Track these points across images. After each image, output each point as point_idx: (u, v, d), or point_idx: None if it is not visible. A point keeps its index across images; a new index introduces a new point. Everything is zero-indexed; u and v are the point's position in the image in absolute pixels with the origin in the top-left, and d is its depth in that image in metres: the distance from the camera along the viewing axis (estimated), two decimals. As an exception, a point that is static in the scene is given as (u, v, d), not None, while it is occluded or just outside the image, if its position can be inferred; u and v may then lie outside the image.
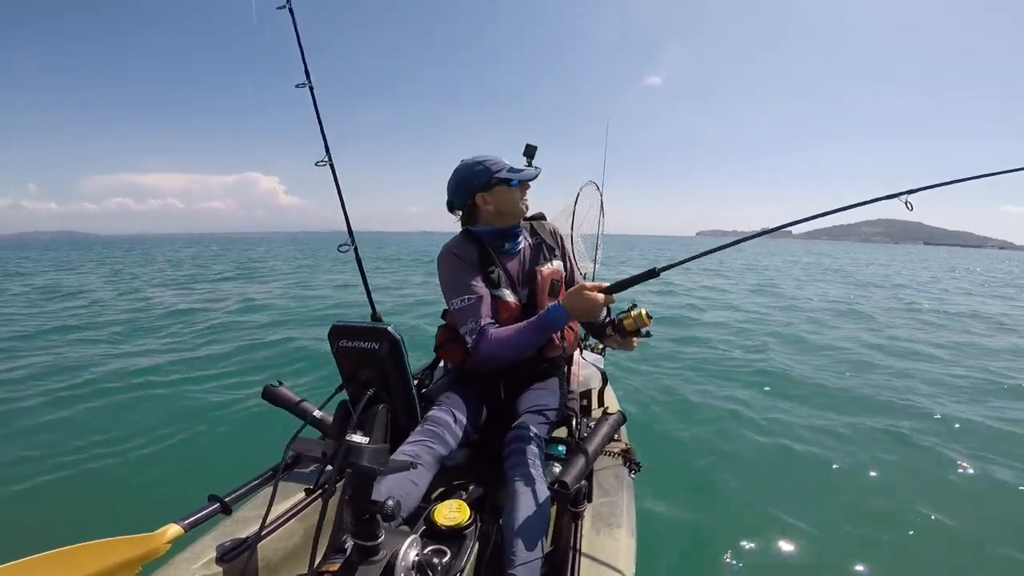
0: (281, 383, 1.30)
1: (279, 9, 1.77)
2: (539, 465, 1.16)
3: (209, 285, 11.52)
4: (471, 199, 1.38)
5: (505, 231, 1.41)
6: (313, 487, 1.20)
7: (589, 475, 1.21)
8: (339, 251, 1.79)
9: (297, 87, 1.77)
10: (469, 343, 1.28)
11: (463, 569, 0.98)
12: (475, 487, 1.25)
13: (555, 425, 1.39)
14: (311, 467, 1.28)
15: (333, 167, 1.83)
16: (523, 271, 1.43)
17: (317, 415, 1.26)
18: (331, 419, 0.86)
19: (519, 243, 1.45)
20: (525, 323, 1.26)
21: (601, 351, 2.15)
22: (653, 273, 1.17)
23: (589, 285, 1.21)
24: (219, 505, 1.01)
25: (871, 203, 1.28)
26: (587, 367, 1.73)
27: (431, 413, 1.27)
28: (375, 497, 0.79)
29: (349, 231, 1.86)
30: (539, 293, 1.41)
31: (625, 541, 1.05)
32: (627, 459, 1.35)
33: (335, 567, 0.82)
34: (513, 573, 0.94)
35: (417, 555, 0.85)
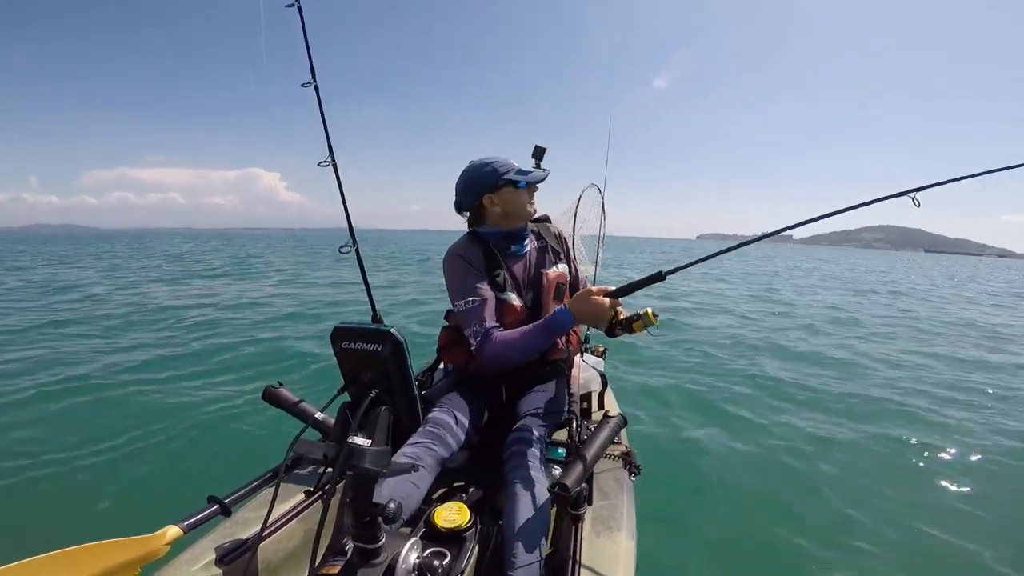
0: (282, 384, 1.29)
1: (288, 7, 1.74)
2: (539, 468, 1.16)
3: (205, 281, 11.49)
4: (479, 200, 1.37)
5: (511, 233, 1.40)
6: (314, 489, 1.20)
7: (589, 478, 1.20)
8: (340, 252, 1.77)
9: (303, 86, 1.74)
10: (473, 345, 1.28)
11: (463, 571, 0.98)
12: (475, 489, 1.24)
13: (556, 428, 1.39)
14: (311, 469, 1.28)
15: (336, 168, 1.81)
16: (529, 274, 1.43)
17: (318, 417, 1.25)
18: (332, 421, 0.86)
19: (525, 246, 1.44)
20: (530, 326, 1.26)
21: (602, 354, 2.15)
22: (659, 277, 1.17)
23: (595, 289, 1.21)
24: (219, 507, 1.01)
25: (879, 202, 1.24)
26: (587, 370, 1.73)
27: (432, 415, 1.27)
28: (376, 499, 0.78)
29: (351, 233, 1.82)
30: (544, 296, 1.41)
31: (625, 544, 1.05)
32: (627, 462, 1.35)
33: (335, 569, 0.82)
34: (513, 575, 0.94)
35: (417, 557, 0.85)
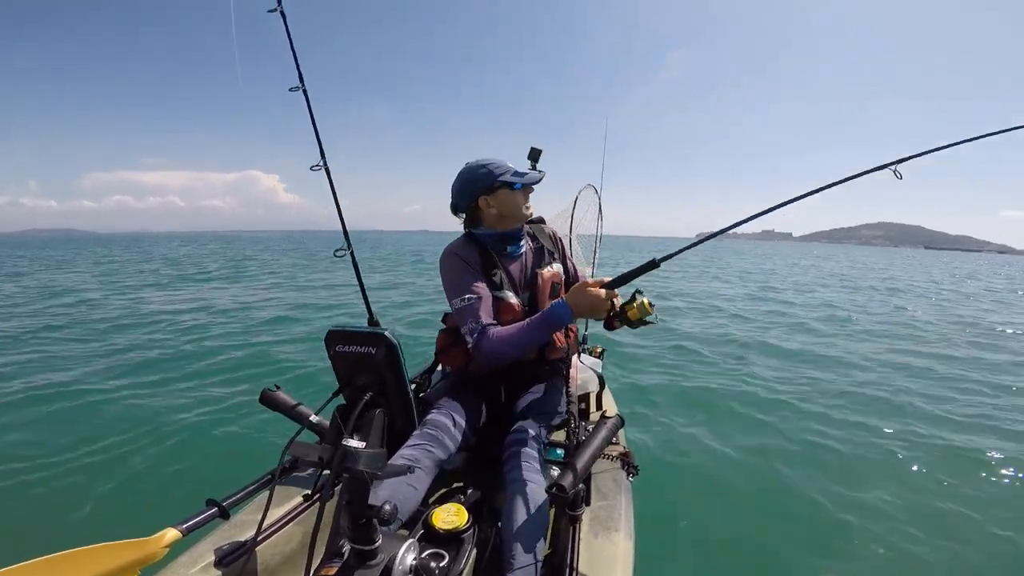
0: (278, 387, 1.30)
1: (270, 12, 1.69)
2: (537, 468, 1.16)
3: (200, 285, 11.46)
4: (474, 202, 1.38)
5: (507, 234, 1.41)
6: (311, 491, 1.20)
7: (587, 479, 1.20)
8: (335, 256, 1.75)
9: (291, 91, 1.71)
10: (470, 342, 1.27)
11: (461, 572, 0.98)
12: (473, 490, 1.24)
13: (554, 429, 1.39)
14: (309, 471, 1.28)
15: (328, 171, 1.80)
16: (525, 274, 1.43)
17: (314, 419, 1.25)
18: (328, 423, 0.86)
19: (521, 247, 1.45)
20: (528, 320, 1.26)
21: (599, 355, 2.15)
22: (654, 264, 1.18)
23: (591, 282, 1.22)
24: (217, 509, 1.01)
25: (860, 176, 1.27)
26: (585, 371, 1.73)
27: (430, 416, 1.27)
28: (373, 501, 0.78)
29: (345, 236, 1.82)
30: (540, 295, 1.41)
31: (623, 544, 1.05)
32: (625, 462, 1.35)
33: (332, 571, 0.82)
34: (511, 576, 0.94)
35: (415, 559, 0.85)
